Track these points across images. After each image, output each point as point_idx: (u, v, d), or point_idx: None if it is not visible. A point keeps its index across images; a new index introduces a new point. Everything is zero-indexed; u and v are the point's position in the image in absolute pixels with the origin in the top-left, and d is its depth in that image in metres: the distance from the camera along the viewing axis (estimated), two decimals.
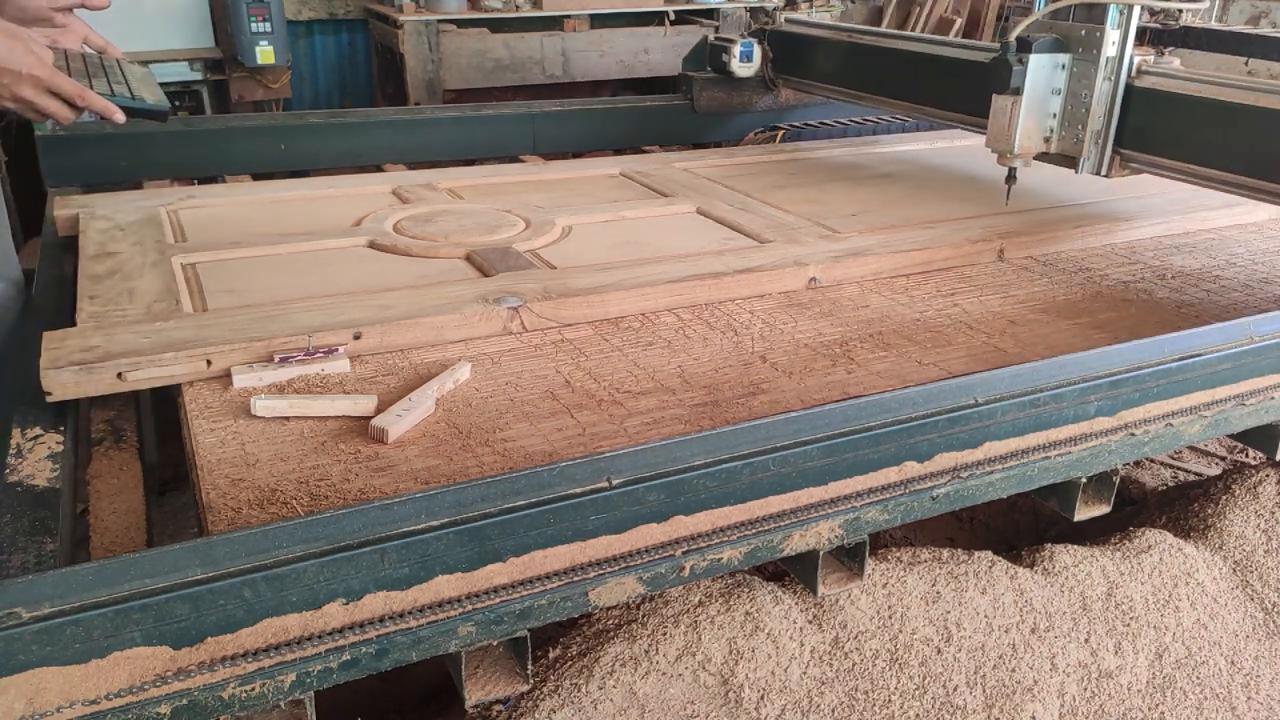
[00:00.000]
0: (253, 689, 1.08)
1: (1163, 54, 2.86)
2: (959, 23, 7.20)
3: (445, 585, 1.18)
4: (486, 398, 1.71)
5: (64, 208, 2.59)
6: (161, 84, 5.02)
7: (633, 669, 1.45)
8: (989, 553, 1.78)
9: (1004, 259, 2.46)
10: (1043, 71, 2.43)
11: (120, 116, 1.85)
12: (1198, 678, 1.75)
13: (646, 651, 1.47)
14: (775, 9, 7.03)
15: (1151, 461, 2.63)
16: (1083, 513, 1.65)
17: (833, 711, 1.51)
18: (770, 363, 1.87)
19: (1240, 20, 6.61)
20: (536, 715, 1.39)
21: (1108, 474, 1.64)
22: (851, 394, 1.74)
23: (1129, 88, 2.43)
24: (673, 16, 6.32)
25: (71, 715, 1.01)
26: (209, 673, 1.07)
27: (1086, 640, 1.70)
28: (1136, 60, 2.43)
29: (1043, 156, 2.52)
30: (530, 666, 1.26)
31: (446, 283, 2.13)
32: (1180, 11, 2.99)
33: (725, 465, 1.32)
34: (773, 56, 3.56)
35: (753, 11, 6.97)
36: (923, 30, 7.50)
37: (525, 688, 1.27)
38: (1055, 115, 2.48)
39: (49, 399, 1.66)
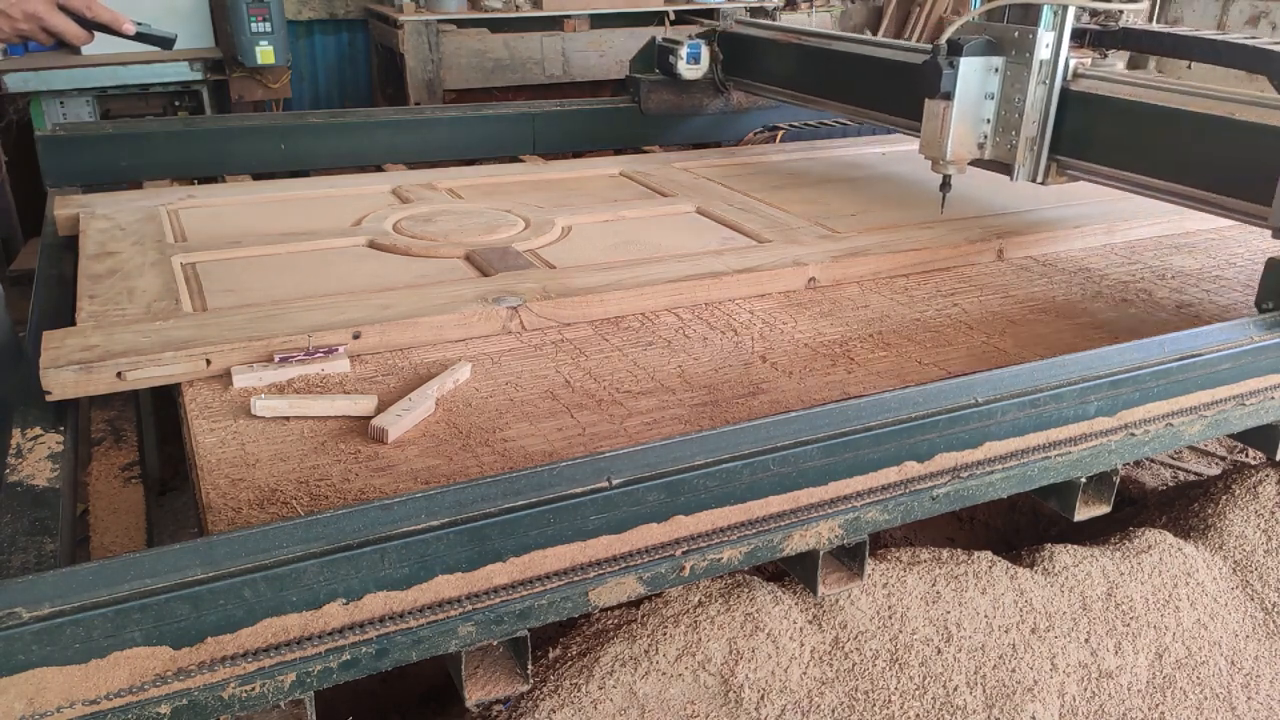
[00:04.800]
0: (253, 689, 1.08)
1: (1105, 55, 2.78)
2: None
3: (445, 585, 1.18)
4: (486, 398, 1.71)
5: (64, 208, 2.59)
6: (161, 84, 5.01)
7: (633, 669, 1.45)
8: (989, 553, 1.78)
9: (1004, 259, 2.46)
10: (974, 75, 2.33)
11: (130, 27, 1.86)
12: (1198, 678, 1.75)
13: (646, 651, 1.47)
14: (775, 9, 7.04)
15: (1151, 461, 2.63)
16: (1083, 513, 1.65)
17: (833, 712, 1.51)
18: (770, 363, 1.87)
19: (1240, 21, 6.60)
20: (536, 715, 1.39)
21: (1108, 474, 1.64)
22: (851, 394, 1.74)
23: (1064, 92, 2.33)
24: (673, 16, 6.32)
25: (71, 715, 1.01)
26: (209, 673, 1.07)
27: (1086, 640, 1.70)
28: (1073, 63, 2.33)
29: (977, 163, 2.44)
30: (530, 666, 1.26)
31: (446, 282, 2.13)
32: (1120, 12, 2.93)
33: (725, 465, 1.32)
34: (723, 58, 3.44)
35: (753, 11, 6.97)
36: (922, 31, 7.50)
37: (525, 688, 1.27)
38: (989, 120, 2.38)
39: (49, 398, 1.66)
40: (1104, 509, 1.67)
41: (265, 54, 4.69)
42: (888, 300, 2.18)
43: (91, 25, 1.82)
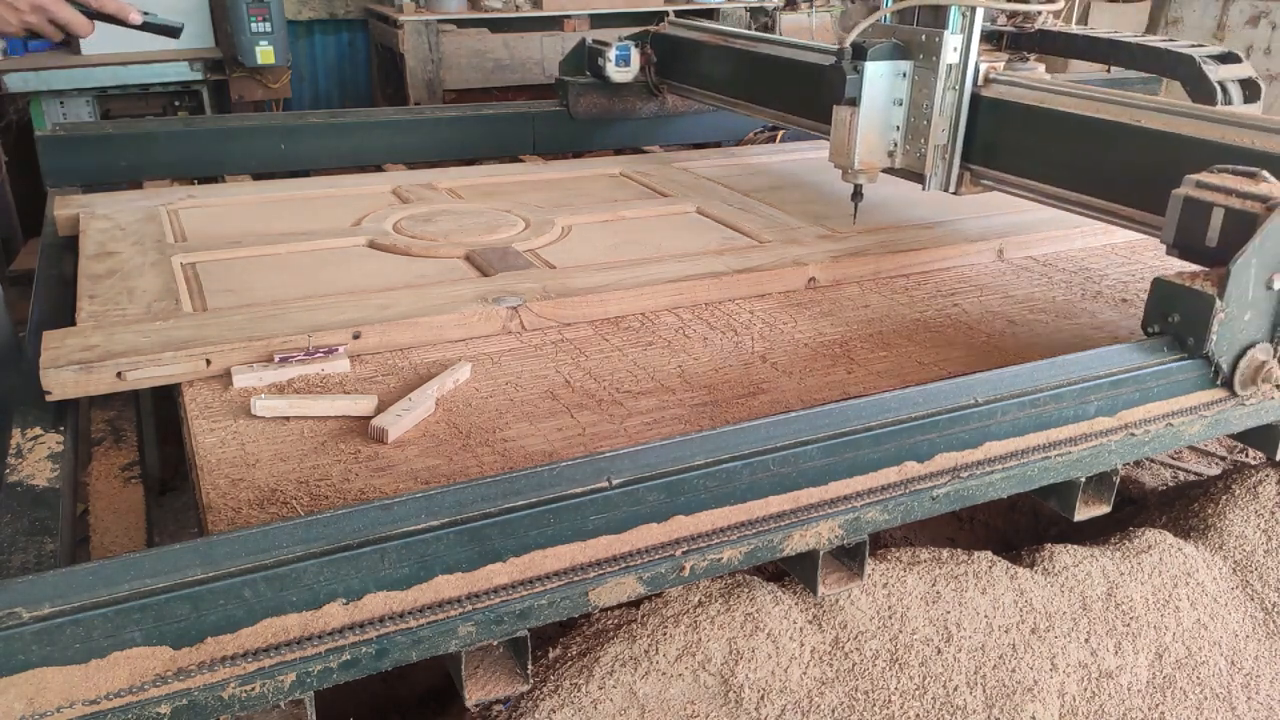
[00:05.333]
0: (253, 689, 1.08)
1: (1026, 59, 2.64)
2: None
3: (445, 585, 1.18)
4: (486, 398, 1.71)
5: (64, 208, 2.59)
6: (161, 84, 5.02)
7: (633, 669, 1.45)
8: (989, 553, 1.78)
9: (1004, 259, 2.46)
10: (881, 80, 2.23)
11: (136, 17, 1.86)
12: (1198, 678, 1.75)
13: (646, 651, 1.47)
14: (775, 9, 7.05)
15: (1151, 461, 2.62)
16: (1083, 513, 1.65)
17: (833, 712, 1.51)
18: (770, 363, 1.87)
19: (1240, 21, 6.60)
20: (536, 715, 1.39)
21: (1108, 474, 1.64)
22: (851, 394, 1.74)
23: (975, 97, 2.22)
24: (672, 17, 6.32)
25: (71, 715, 1.01)
26: (209, 673, 1.07)
27: (1086, 640, 1.70)
28: (983, 68, 2.22)
29: (889, 171, 2.36)
30: (530, 666, 1.26)
31: (446, 282, 2.13)
32: (1038, 14, 2.77)
33: (725, 465, 1.32)
34: (656, 61, 3.31)
35: (753, 11, 6.98)
36: None
37: (525, 688, 1.27)
38: (899, 127, 2.28)
39: (49, 398, 1.66)
40: (1104, 509, 1.67)
41: (265, 54, 4.69)
42: (888, 300, 2.18)
43: (97, 15, 1.82)
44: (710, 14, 6.42)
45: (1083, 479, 1.60)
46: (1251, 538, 1.95)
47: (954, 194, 2.32)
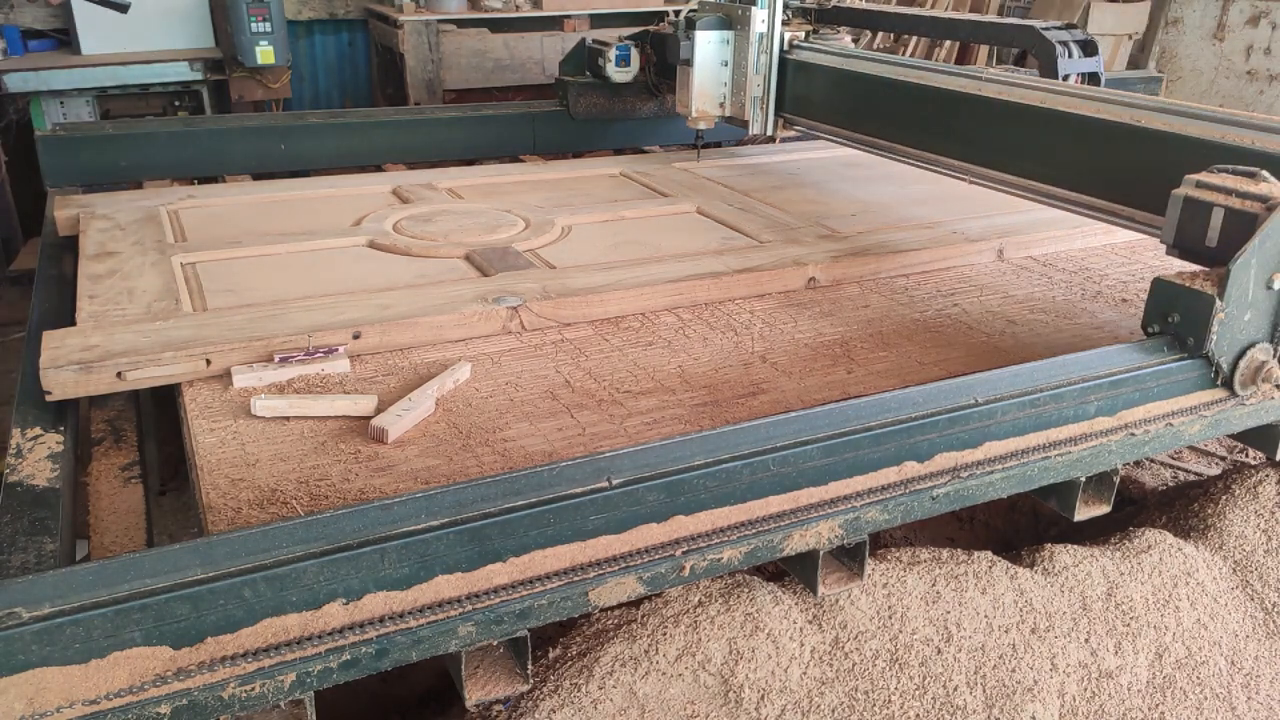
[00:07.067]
0: (253, 689, 1.08)
1: (836, 31, 3.18)
2: None
3: (445, 585, 1.18)
4: (486, 398, 1.71)
5: (64, 208, 2.59)
6: (161, 84, 5.03)
7: (633, 669, 1.45)
8: (989, 553, 1.78)
9: (1004, 259, 2.46)
10: (710, 46, 2.88)
11: None
12: (1198, 678, 1.75)
13: (646, 651, 1.47)
14: None
15: (1151, 461, 2.62)
16: (1083, 513, 1.65)
17: (833, 711, 1.51)
18: (770, 363, 1.87)
19: (1240, 21, 6.60)
20: (536, 715, 1.39)
21: (1108, 474, 1.64)
22: (851, 394, 1.74)
23: (784, 60, 2.85)
24: (672, 17, 6.31)
25: (71, 715, 1.01)
26: (209, 673, 1.07)
27: (1086, 640, 1.70)
28: (787, 36, 2.86)
29: (722, 120, 2.99)
30: (530, 666, 1.26)
31: (446, 282, 2.13)
32: None
33: (725, 465, 1.32)
34: (656, 60, 3.33)
35: None
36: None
37: (525, 688, 1.27)
38: (726, 84, 2.93)
39: (49, 398, 1.66)
40: (1104, 509, 1.67)
41: (265, 54, 4.69)
42: (888, 300, 2.18)
43: None
44: None
45: (1083, 479, 1.60)
46: (1251, 538, 1.94)
47: (769, 137, 2.95)
